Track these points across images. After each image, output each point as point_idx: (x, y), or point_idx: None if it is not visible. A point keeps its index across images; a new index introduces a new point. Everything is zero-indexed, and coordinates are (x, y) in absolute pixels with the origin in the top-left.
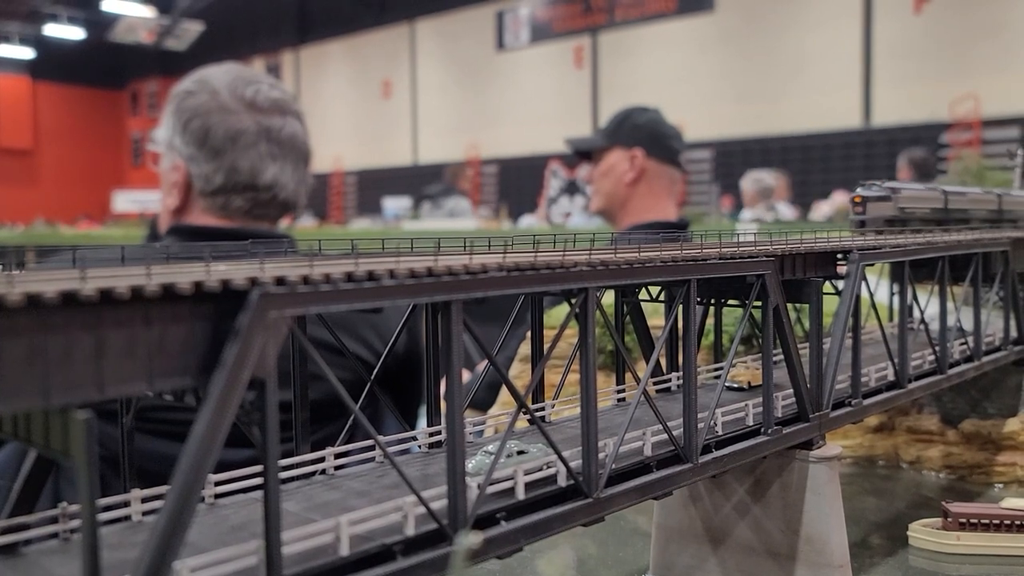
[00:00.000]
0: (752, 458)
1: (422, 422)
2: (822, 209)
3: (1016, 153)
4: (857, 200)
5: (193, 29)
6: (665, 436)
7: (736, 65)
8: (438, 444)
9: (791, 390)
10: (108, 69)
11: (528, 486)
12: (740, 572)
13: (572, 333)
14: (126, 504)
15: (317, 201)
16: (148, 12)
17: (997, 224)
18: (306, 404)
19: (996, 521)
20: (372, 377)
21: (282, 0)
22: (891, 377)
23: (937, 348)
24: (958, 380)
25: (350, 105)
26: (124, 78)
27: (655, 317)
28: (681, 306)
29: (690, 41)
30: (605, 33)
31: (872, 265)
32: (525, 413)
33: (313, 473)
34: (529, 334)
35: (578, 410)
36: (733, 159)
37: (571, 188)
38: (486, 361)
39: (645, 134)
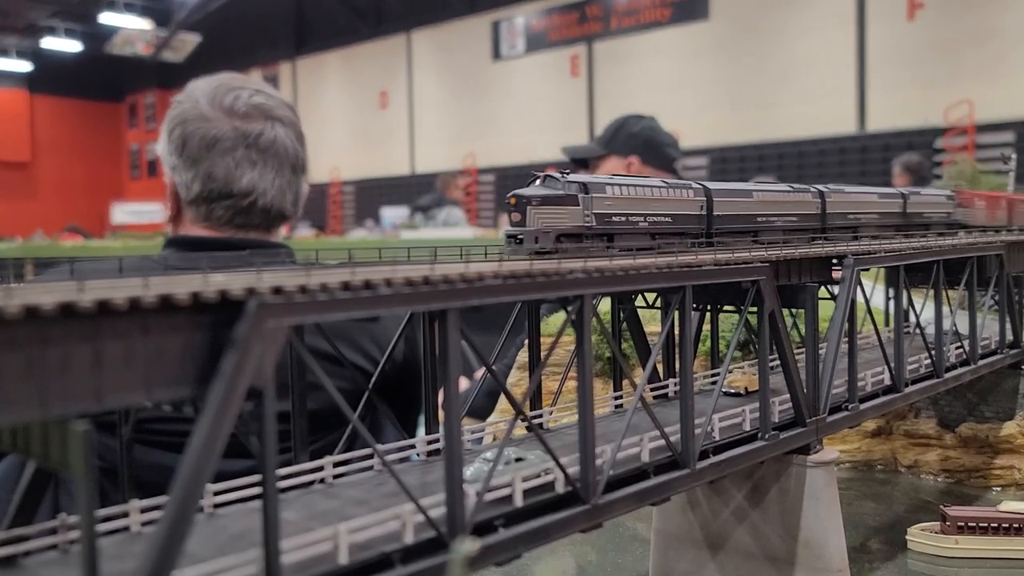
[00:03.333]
0: (749, 463)
1: (421, 430)
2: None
3: (1010, 157)
4: (511, 202)
5: (190, 41)
6: (663, 442)
7: (731, 72)
8: (437, 452)
9: (788, 395)
10: (106, 82)
11: (526, 493)
12: None
13: (570, 340)
14: (125, 515)
15: (315, 211)
16: (145, 25)
17: (823, 236)
18: (304, 413)
19: (994, 524)
20: (370, 386)
21: (279, 11)
22: (888, 381)
23: (933, 352)
24: (955, 384)
25: (347, 115)
26: (122, 90)
27: (652, 324)
28: (677, 312)
29: (685, 49)
30: (600, 42)
31: (867, 270)
32: (523, 420)
33: (312, 482)
34: (527, 341)
35: (576, 417)
36: (729, 166)
37: None
38: (484, 368)
39: (641, 142)
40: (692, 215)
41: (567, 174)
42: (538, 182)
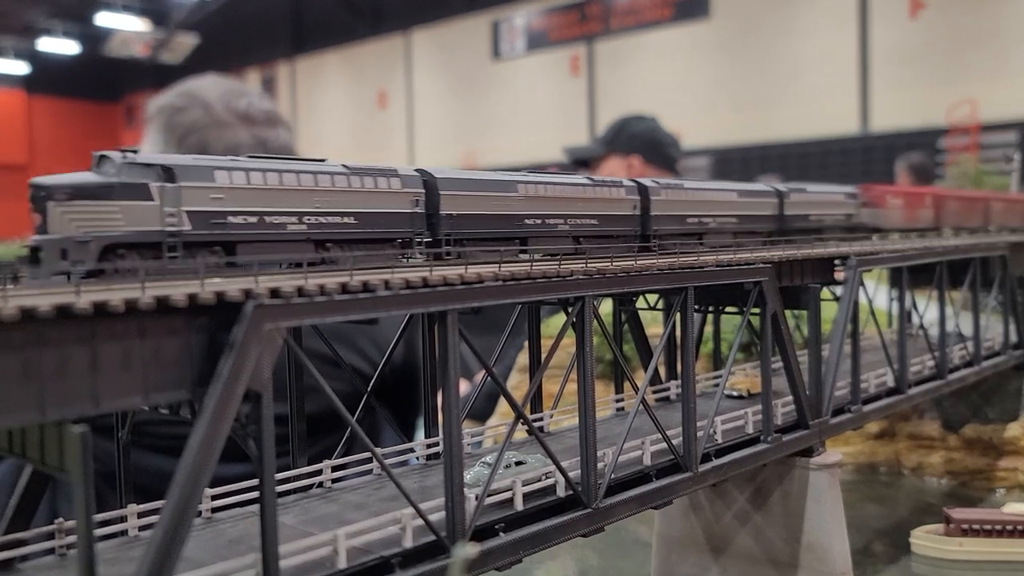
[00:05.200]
0: (752, 466)
1: (419, 433)
2: None
3: (1013, 157)
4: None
5: (187, 42)
6: (664, 445)
7: (733, 72)
8: (436, 455)
9: (791, 397)
10: (103, 83)
11: (527, 497)
12: None
13: (570, 342)
14: (122, 519)
15: None
16: (143, 26)
17: (642, 246)
18: (303, 417)
19: (999, 527)
20: (369, 389)
21: (277, 11)
22: (891, 383)
23: (937, 353)
24: (958, 385)
25: (346, 115)
26: (119, 92)
27: (654, 325)
28: (679, 314)
29: (686, 48)
30: (601, 41)
31: (870, 271)
32: (523, 424)
33: (311, 486)
34: (527, 343)
35: (577, 420)
36: (731, 166)
37: None
38: (484, 371)
39: (642, 142)
40: (397, 215)
41: (132, 152)
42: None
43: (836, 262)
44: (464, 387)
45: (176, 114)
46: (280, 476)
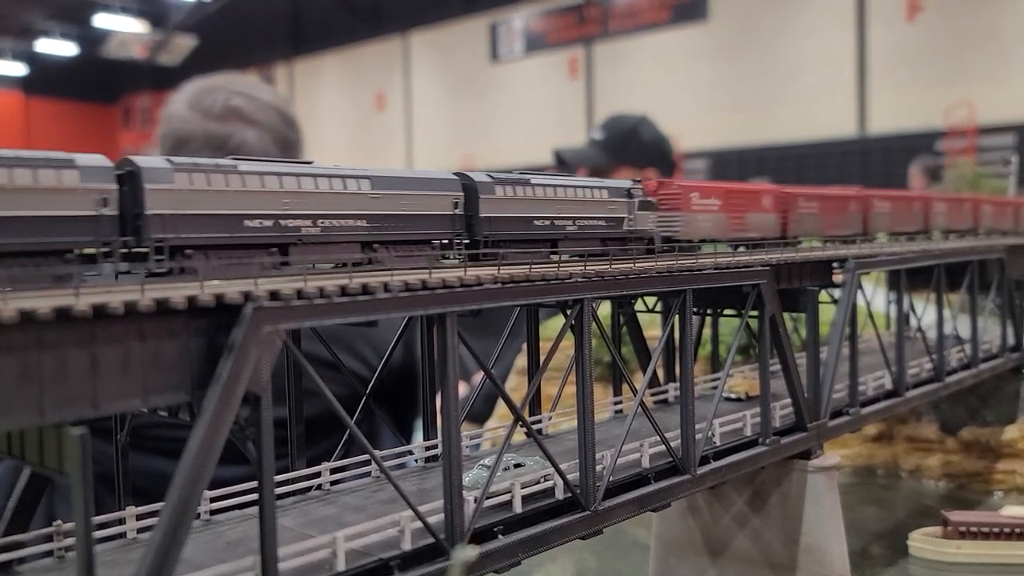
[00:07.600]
0: (750, 469)
1: (418, 435)
2: None
3: (1010, 160)
4: None
5: (186, 44)
6: (663, 447)
7: (731, 74)
8: (435, 458)
9: (789, 399)
10: (101, 84)
11: (526, 499)
12: None
13: (569, 344)
14: (121, 521)
15: None
16: (141, 27)
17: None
18: (301, 419)
19: (996, 529)
20: (368, 391)
21: (275, 12)
22: (889, 386)
23: (935, 356)
24: (956, 388)
25: (344, 117)
26: (117, 93)
27: (652, 328)
28: (677, 316)
29: (684, 50)
30: (599, 44)
31: (868, 273)
32: (522, 426)
33: (309, 488)
34: (525, 346)
35: (575, 422)
36: (728, 168)
37: None
38: (482, 373)
39: (654, 153)
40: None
41: None
42: None
43: (834, 264)
44: (462, 389)
45: (165, 108)
46: (279, 478)
